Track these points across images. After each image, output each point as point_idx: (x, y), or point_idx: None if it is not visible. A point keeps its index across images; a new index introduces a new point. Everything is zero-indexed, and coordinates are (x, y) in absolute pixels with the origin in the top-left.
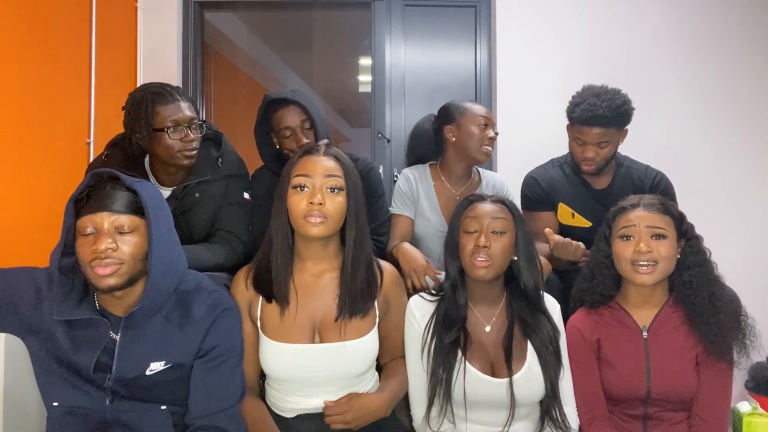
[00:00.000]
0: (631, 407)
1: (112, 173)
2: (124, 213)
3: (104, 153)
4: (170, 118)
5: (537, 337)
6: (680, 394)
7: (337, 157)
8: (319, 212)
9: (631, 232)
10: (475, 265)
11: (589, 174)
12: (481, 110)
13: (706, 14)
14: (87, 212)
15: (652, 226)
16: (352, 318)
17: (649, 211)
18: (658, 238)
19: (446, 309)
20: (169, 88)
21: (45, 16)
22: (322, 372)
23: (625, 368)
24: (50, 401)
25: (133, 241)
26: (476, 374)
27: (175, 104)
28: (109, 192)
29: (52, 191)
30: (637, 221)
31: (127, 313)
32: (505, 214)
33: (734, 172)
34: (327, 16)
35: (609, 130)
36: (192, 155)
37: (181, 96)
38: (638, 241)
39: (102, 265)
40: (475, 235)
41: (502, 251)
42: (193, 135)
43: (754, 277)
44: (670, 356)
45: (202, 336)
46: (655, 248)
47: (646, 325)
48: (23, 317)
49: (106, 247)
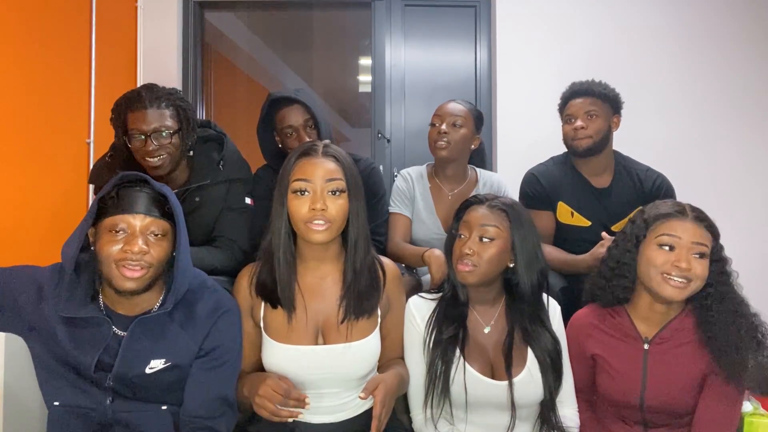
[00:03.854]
0: (630, 412)
1: (140, 176)
2: (158, 217)
3: (108, 153)
4: (135, 126)
5: (537, 347)
6: (675, 408)
7: (336, 157)
8: (322, 217)
9: (674, 242)
10: (458, 270)
11: (583, 154)
12: (437, 109)
13: (705, 15)
14: (119, 211)
15: (698, 243)
16: (359, 319)
17: (698, 225)
18: (700, 256)
19: (446, 306)
20: (144, 94)
21: (45, 16)
22: (327, 374)
23: (619, 376)
24: (51, 400)
25: (162, 245)
26: (475, 375)
27: (141, 112)
28: (143, 194)
29: (52, 191)
30: (684, 234)
31: (136, 313)
32: (498, 221)
33: (734, 171)
34: (327, 16)
35: (596, 100)
36: (157, 164)
37: (153, 103)
38: (679, 255)
39: (131, 267)
40: (463, 241)
41: (488, 260)
42: (156, 145)
43: (754, 277)
44: (670, 370)
45: (203, 337)
46: (694, 266)
47: (648, 336)
48: (24, 316)
49: (140, 249)
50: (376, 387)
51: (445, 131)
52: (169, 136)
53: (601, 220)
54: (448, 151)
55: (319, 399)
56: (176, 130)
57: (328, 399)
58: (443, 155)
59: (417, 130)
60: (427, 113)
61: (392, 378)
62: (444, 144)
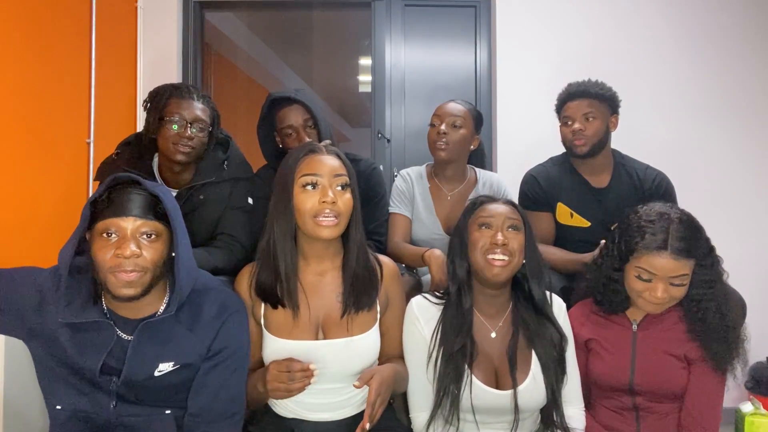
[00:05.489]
0: (620, 397)
1: (132, 177)
2: (149, 219)
3: (115, 152)
4: (177, 111)
5: (540, 345)
6: (664, 387)
7: (338, 155)
8: (332, 210)
9: (652, 278)
10: (490, 264)
11: (582, 155)
12: (436, 109)
13: (705, 16)
14: (110, 215)
15: (676, 276)
16: (359, 312)
17: (676, 259)
18: (678, 285)
19: (452, 316)
20: (190, 88)
21: (45, 17)
22: (329, 368)
23: (610, 358)
24: (53, 404)
25: (155, 247)
26: (480, 386)
27: (187, 101)
28: (134, 196)
29: (53, 191)
30: (662, 272)
31: (140, 316)
32: (518, 216)
33: (733, 171)
34: (327, 16)
35: (593, 102)
36: (185, 152)
37: (198, 98)
38: (656, 286)
39: (126, 271)
40: (490, 231)
41: (519, 249)
42: (192, 133)
43: (753, 277)
44: (657, 351)
45: (211, 338)
46: (672, 294)
47: (637, 319)
48: (26, 320)
49: (131, 253)
50: (371, 376)
51: (445, 131)
52: (203, 130)
53: (600, 220)
54: (448, 152)
55: (320, 395)
56: (209, 128)
57: (329, 395)
58: (443, 155)
59: (417, 130)
60: (427, 113)
61: (389, 370)
62: (443, 144)
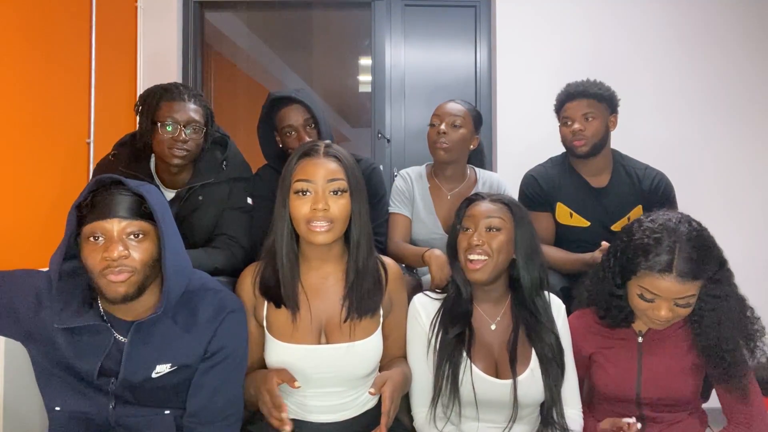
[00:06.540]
0: (626, 408)
1: (115, 178)
2: (133, 219)
3: (112, 152)
4: (169, 114)
5: (539, 345)
6: (672, 397)
7: (338, 157)
8: (324, 217)
9: (656, 299)
10: (468, 268)
11: (582, 155)
12: (436, 109)
13: (706, 15)
14: (94, 218)
15: (683, 297)
16: (362, 318)
17: (682, 282)
18: (684, 306)
19: (452, 305)
20: (181, 88)
21: (45, 17)
22: (330, 373)
23: (615, 371)
24: (52, 406)
25: (144, 247)
26: (480, 375)
27: (179, 103)
28: (117, 197)
29: (52, 191)
30: (666, 294)
31: (136, 317)
32: (502, 213)
33: (733, 171)
34: (327, 16)
35: (592, 102)
36: (181, 155)
37: (190, 98)
38: (660, 305)
39: (115, 272)
40: (470, 233)
41: (497, 249)
42: (187, 135)
43: (753, 276)
44: (664, 361)
45: (208, 338)
46: (678, 313)
47: (642, 330)
48: (23, 323)
49: (119, 254)
50: (384, 383)
51: (444, 131)
52: (198, 131)
53: (600, 220)
54: (448, 152)
55: (322, 398)
56: (203, 128)
57: (331, 398)
58: (442, 155)
59: (417, 130)
60: (427, 113)
61: (398, 375)
62: (443, 144)
